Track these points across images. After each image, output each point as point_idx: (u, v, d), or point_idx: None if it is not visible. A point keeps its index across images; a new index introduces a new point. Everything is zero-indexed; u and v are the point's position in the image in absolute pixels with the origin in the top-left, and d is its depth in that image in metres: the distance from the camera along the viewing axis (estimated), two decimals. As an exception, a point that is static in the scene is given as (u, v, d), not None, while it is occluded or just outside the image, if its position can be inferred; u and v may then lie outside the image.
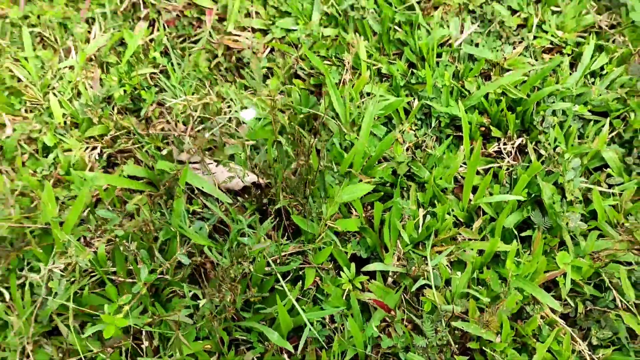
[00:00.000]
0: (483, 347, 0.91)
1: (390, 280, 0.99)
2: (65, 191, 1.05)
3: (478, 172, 1.09)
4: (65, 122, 1.15)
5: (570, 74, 1.17)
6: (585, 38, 1.23)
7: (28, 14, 1.27)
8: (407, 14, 1.18)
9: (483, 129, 1.13)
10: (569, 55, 1.20)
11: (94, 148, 1.13)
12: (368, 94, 1.13)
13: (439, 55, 1.17)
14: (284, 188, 0.99)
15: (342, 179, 1.04)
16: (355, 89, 1.12)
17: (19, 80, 1.20)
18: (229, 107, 1.15)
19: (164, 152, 1.11)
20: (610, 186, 1.09)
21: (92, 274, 0.96)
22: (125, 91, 1.18)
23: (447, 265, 1.00)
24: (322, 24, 1.21)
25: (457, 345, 0.92)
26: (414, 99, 1.12)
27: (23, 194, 1.08)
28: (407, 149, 1.10)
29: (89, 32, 1.27)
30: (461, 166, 1.09)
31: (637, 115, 1.11)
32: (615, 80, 1.15)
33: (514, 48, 1.19)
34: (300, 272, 0.97)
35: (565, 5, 1.23)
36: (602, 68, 1.18)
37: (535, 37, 1.20)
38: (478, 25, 1.20)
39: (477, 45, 1.17)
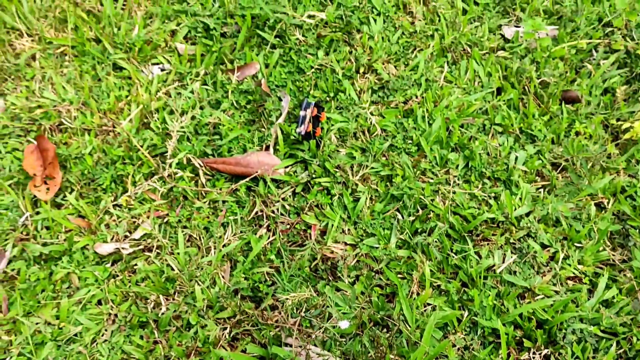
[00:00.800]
0: None
1: None
2: (205, 363, 1.45)
3: (513, 373, 1.43)
4: (203, 305, 1.57)
5: (588, 298, 1.52)
6: (602, 268, 1.59)
7: (181, 218, 1.73)
8: (461, 246, 1.58)
9: (517, 339, 1.47)
10: (587, 284, 1.55)
11: (224, 328, 1.54)
12: (430, 304, 1.52)
13: (485, 278, 1.55)
14: (364, 376, 1.35)
15: (407, 371, 1.39)
16: (420, 300, 1.50)
17: (172, 269, 1.64)
18: (324, 304, 1.54)
19: (274, 333, 1.50)
20: (618, 394, 1.40)
21: None
22: (248, 284, 1.60)
23: None
24: (398, 245, 1.62)
25: None
26: (465, 312, 1.49)
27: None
28: (458, 350, 1.46)
29: (224, 233, 1.71)
30: (499, 367, 1.43)
31: (639, 339, 1.43)
32: (623, 308, 1.49)
33: (544, 276, 1.55)
34: None
35: (586, 243, 1.61)
36: (613, 297, 1.52)
37: (561, 268, 1.57)
38: (517, 256, 1.58)
39: (515, 272, 1.55)
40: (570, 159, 1.77)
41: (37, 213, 1.74)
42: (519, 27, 2.12)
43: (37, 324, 1.55)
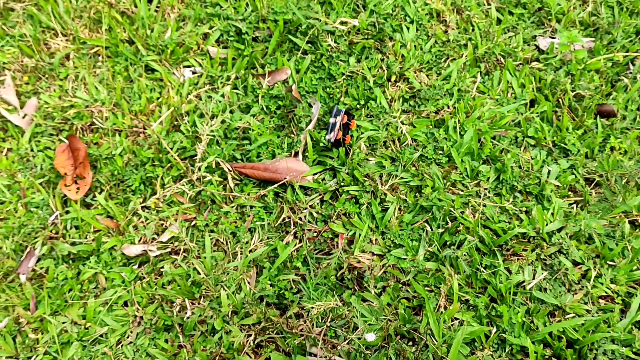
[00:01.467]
0: None
1: None
2: (229, 369, 1.44)
3: (541, 393, 1.40)
4: (229, 311, 1.56)
5: (621, 319, 1.49)
6: (635, 288, 1.56)
7: (208, 222, 1.73)
8: (491, 260, 1.56)
9: (546, 357, 1.45)
10: (619, 304, 1.52)
11: (249, 335, 1.53)
12: (457, 319, 1.50)
13: (515, 294, 1.52)
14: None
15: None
16: (447, 314, 1.48)
17: (199, 273, 1.64)
18: (350, 314, 1.53)
19: (298, 342, 1.49)
20: (650, 419, 1.36)
21: None
22: (274, 291, 1.59)
23: None
24: (426, 258, 1.61)
25: None
26: (493, 328, 1.47)
27: (196, 365, 1.48)
28: (485, 366, 1.43)
29: (251, 238, 1.71)
30: (527, 386, 1.40)
31: (673, 363, 1.40)
32: (657, 331, 1.46)
33: (575, 294, 1.52)
34: None
35: (619, 261, 1.57)
36: (646, 319, 1.49)
37: (593, 287, 1.53)
38: (547, 272, 1.55)
39: (545, 289, 1.52)
40: (605, 174, 1.73)
41: (67, 212, 1.75)
42: (554, 38, 2.09)
43: (63, 323, 1.57)
